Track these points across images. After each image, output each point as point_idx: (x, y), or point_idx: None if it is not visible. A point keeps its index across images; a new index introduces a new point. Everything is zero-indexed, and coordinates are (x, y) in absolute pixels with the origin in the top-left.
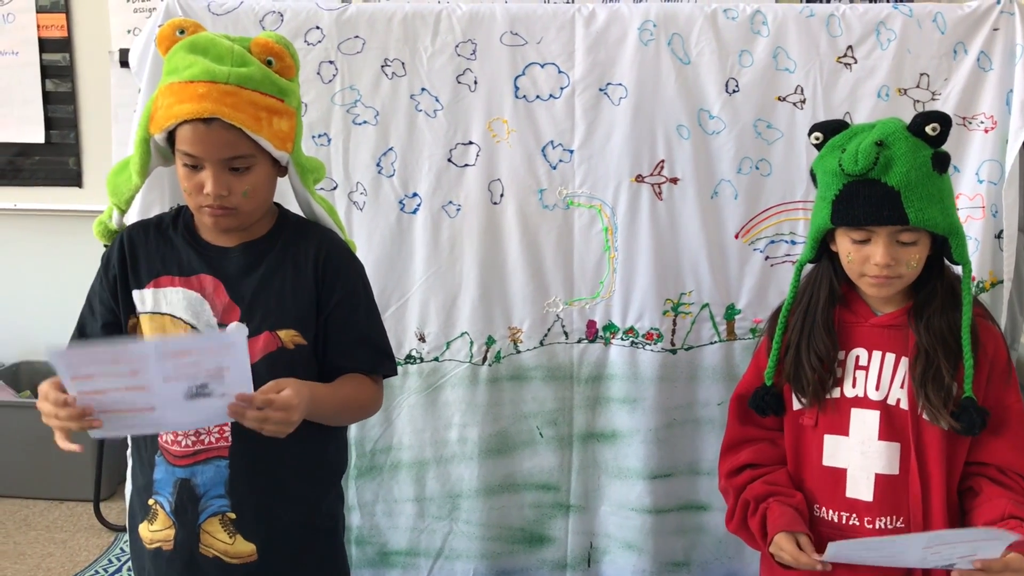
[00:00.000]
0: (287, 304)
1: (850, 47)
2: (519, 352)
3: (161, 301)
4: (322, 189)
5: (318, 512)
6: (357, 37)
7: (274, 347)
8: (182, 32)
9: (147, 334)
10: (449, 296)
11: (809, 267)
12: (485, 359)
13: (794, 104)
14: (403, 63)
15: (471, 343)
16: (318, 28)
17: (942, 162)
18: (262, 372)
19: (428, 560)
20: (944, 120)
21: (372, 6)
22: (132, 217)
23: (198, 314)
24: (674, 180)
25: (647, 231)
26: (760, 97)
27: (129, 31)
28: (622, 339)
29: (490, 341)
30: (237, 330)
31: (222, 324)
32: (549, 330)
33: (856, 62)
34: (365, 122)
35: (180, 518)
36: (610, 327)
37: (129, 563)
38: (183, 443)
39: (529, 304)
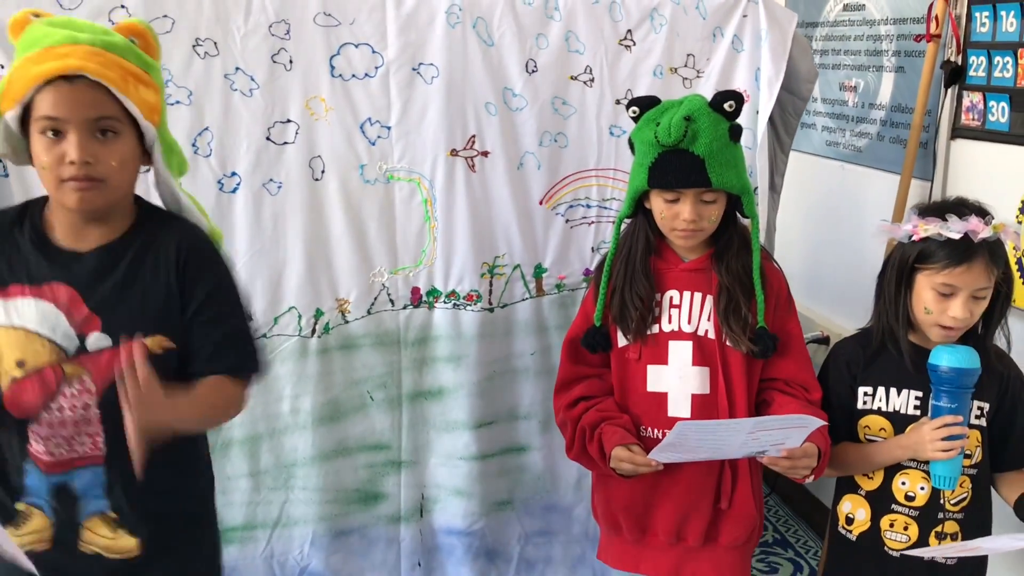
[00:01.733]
0: (150, 309)
1: (629, 31)
2: (347, 322)
3: (12, 313)
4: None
5: (192, 501)
6: (166, 16)
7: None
8: (36, 16)
9: (1, 348)
10: (275, 272)
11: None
12: (314, 331)
13: (584, 83)
14: (215, 43)
15: (299, 317)
16: (123, 8)
17: (736, 133)
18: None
19: (266, 531)
20: (738, 98)
21: None
22: None
23: (55, 327)
24: (485, 153)
25: (463, 201)
26: (555, 76)
27: None
28: (445, 302)
29: (318, 313)
30: (97, 340)
31: (82, 335)
32: (376, 299)
33: (635, 44)
34: (178, 102)
35: (60, 517)
36: (433, 292)
37: None
38: (56, 453)
39: (355, 275)
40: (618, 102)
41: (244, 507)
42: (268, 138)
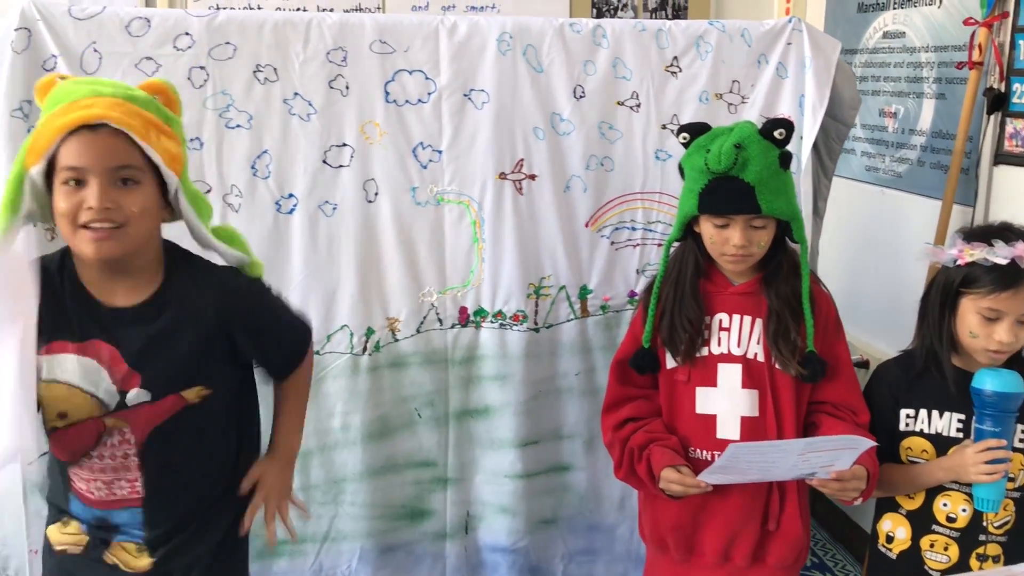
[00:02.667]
0: (189, 363)
1: (675, 58)
2: (397, 340)
3: (55, 368)
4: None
5: (228, 532)
6: (228, 43)
7: (180, 406)
8: (63, 79)
9: (44, 400)
10: (328, 291)
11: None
12: (365, 349)
13: (631, 108)
14: (275, 69)
15: (351, 335)
16: (188, 34)
17: (786, 160)
18: (171, 431)
19: (315, 545)
20: (788, 126)
21: (243, 13)
22: None
23: (96, 383)
24: (532, 176)
25: (510, 223)
26: (603, 102)
27: None
28: (491, 322)
29: (369, 332)
30: (137, 396)
31: (123, 391)
32: (425, 318)
33: (681, 71)
34: (239, 126)
35: (95, 536)
36: (480, 312)
37: None
38: (95, 493)
39: (405, 295)
40: (664, 127)
41: (294, 521)
42: (324, 161)
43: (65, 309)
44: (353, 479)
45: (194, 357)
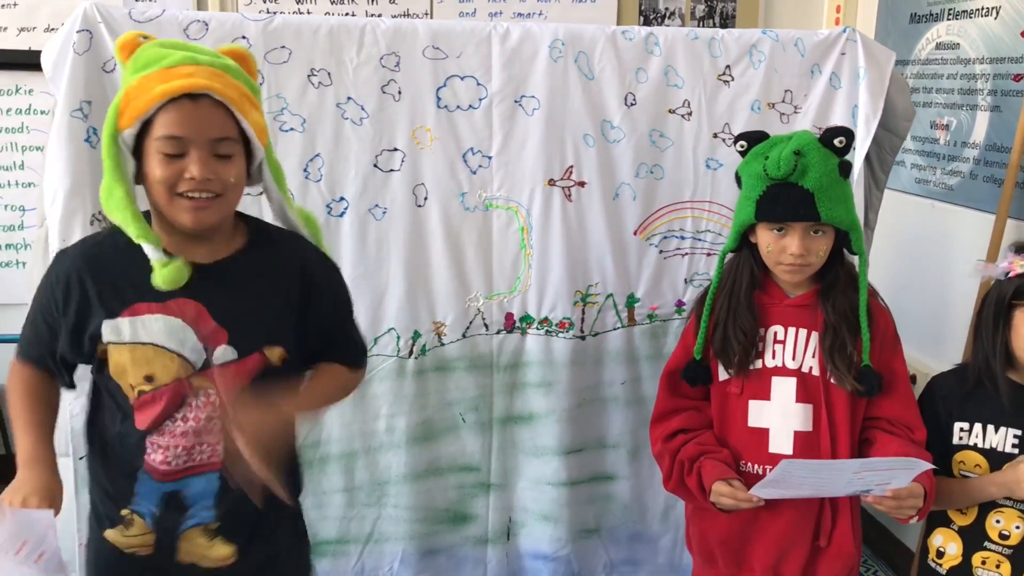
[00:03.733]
0: (271, 321)
1: (728, 66)
2: (443, 345)
3: (139, 330)
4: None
5: (295, 514)
6: (283, 47)
7: (263, 366)
8: (145, 39)
9: (128, 365)
10: (376, 295)
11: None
12: (411, 352)
13: (682, 116)
14: (329, 73)
15: (398, 338)
16: (244, 38)
17: (846, 169)
18: (257, 393)
19: (358, 546)
20: (849, 134)
21: (298, 18)
22: (53, 233)
23: (182, 341)
24: (581, 183)
25: (558, 230)
26: (654, 109)
27: None
28: (537, 329)
29: (416, 336)
30: (224, 353)
31: (208, 349)
32: (471, 323)
33: (733, 79)
34: (292, 129)
35: (162, 527)
36: (526, 318)
37: None
38: (173, 463)
39: (452, 300)
40: (715, 135)
41: (338, 521)
42: (375, 165)
43: (145, 270)
44: (397, 481)
45: (276, 315)
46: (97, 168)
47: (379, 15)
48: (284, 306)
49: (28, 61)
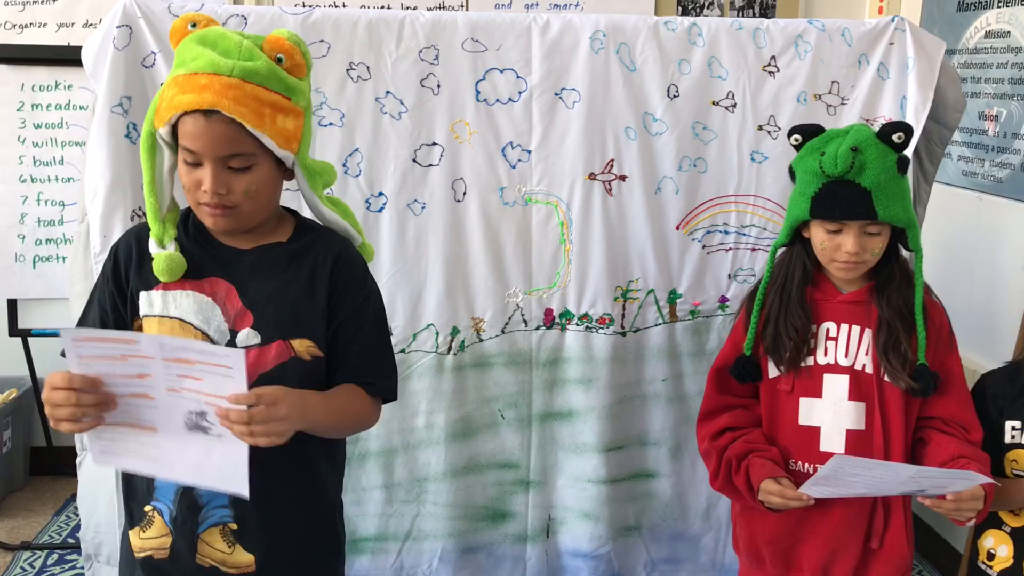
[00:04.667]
0: (302, 313)
1: (773, 57)
2: (482, 341)
3: (170, 304)
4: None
5: (319, 521)
6: (322, 41)
7: (287, 356)
8: (194, 26)
9: None
10: (415, 290)
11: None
12: (450, 348)
13: (726, 108)
14: (368, 67)
15: (436, 334)
16: None
17: (904, 165)
18: (275, 381)
19: (397, 543)
20: (907, 129)
21: (337, 11)
22: (95, 228)
23: (208, 319)
24: (622, 177)
25: (599, 225)
26: (697, 101)
27: None
28: (577, 324)
29: (455, 331)
30: (247, 337)
31: (233, 330)
32: (510, 319)
33: (778, 71)
34: (331, 124)
35: (179, 527)
36: (566, 314)
37: None
38: None
39: (491, 295)
40: (760, 128)
41: (377, 518)
42: (414, 160)
43: (187, 250)
44: (436, 478)
45: (305, 307)
46: (138, 163)
47: (415, 7)
48: (311, 300)
49: (67, 57)
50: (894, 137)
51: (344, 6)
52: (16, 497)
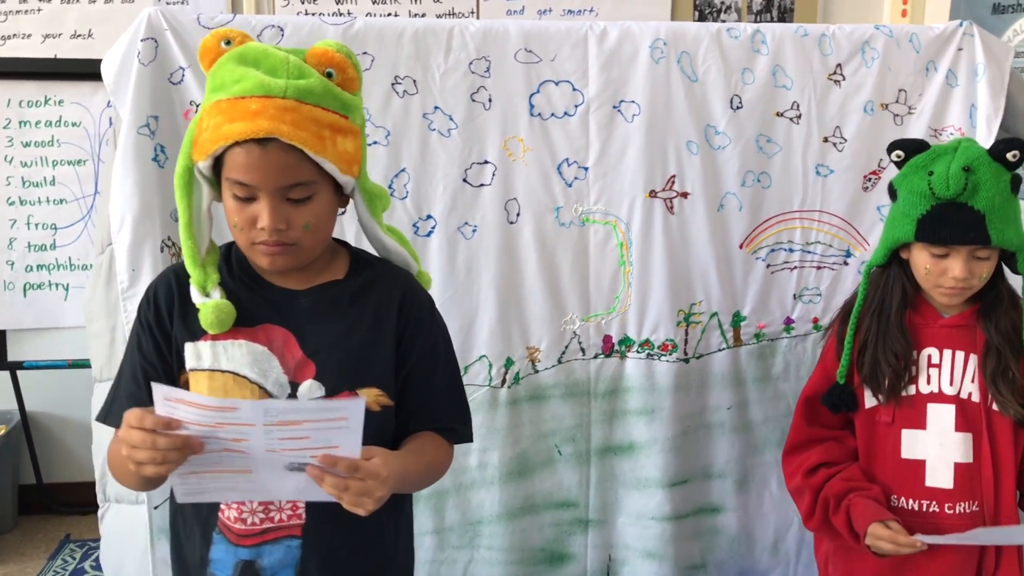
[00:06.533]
0: (368, 360)
1: (839, 65)
2: (537, 372)
3: (221, 356)
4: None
5: None
6: (365, 53)
7: None
8: (228, 43)
9: (205, 395)
10: (466, 320)
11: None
12: (504, 381)
13: (791, 119)
14: (415, 80)
15: (490, 366)
16: None
17: (1017, 185)
18: None
19: None
20: (1022, 147)
21: (381, 21)
22: (121, 260)
23: (265, 371)
24: (684, 194)
25: (660, 245)
26: (761, 113)
27: None
28: (638, 351)
29: (508, 363)
30: (310, 389)
31: (294, 383)
32: (566, 347)
33: (844, 79)
34: (376, 143)
35: None
36: (625, 340)
37: None
38: (248, 520)
39: (547, 323)
40: (825, 140)
41: (428, 565)
42: (465, 180)
43: (233, 293)
44: (490, 521)
45: (372, 352)
46: (167, 189)
47: (422, 15)
48: (378, 343)
49: (56, 70)
50: (1009, 155)
51: (349, 13)
52: (5, 541)
